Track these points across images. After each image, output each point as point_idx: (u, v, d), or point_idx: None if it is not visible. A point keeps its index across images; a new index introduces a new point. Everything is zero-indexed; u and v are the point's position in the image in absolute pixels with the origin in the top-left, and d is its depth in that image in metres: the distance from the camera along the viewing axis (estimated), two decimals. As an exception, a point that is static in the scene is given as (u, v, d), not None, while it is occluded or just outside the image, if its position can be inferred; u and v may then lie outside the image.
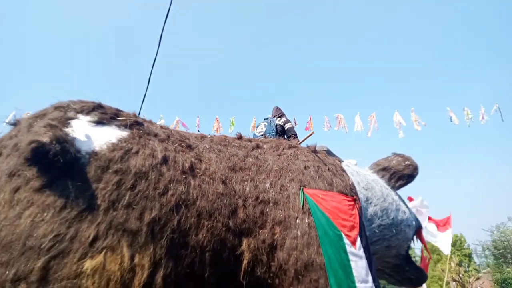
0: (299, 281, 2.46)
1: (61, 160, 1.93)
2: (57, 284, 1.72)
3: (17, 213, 1.84)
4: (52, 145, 1.91)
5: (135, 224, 2.03)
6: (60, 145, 1.95)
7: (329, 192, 2.97)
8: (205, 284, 2.22)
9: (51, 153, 1.90)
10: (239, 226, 2.50)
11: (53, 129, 2.01)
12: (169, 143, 2.60)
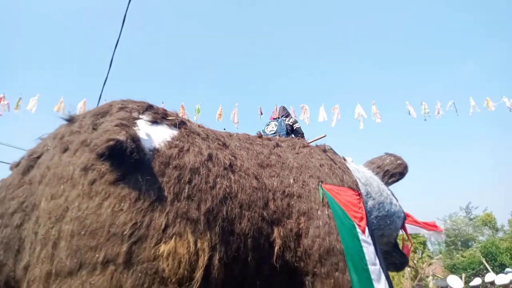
0: (322, 264, 2.87)
1: (136, 156, 2.17)
2: (140, 266, 1.99)
3: (97, 203, 2.07)
4: (129, 143, 2.15)
5: (195, 214, 2.31)
6: (135, 143, 2.19)
7: (342, 188, 3.39)
8: (248, 267, 2.56)
9: (128, 151, 2.14)
10: (270, 216, 2.85)
11: (126, 128, 2.23)
12: (209, 141, 2.87)
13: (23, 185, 2.33)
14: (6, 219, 2.23)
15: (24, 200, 2.25)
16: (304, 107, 12.24)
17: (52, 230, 2.02)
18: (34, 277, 1.95)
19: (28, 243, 2.11)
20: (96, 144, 2.19)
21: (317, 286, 2.84)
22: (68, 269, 1.90)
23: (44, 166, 2.32)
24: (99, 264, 1.92)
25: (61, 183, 2.17)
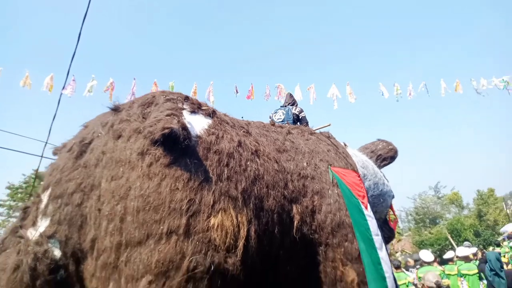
0: (333, 236, 3.32)
1: (186, 143, 2.48)
2: (196, 235, 2.33)
3: (156, 183, 2.37)
4: (181, 131, 2.45)
5: (234, 192, 2.66)
6: (185, 131, 2.49)
7: (346, 170, 3.83)
8: (274, 238, 2.95)
9: (181, 138, 2.44)
10: (290, 195, 3.25)
11: (177, 118, 2.52)
12: (236, 129, 3.20)
13: (78, 168, 2.58)
14: (66, 199, 2.48)
15: (81, 181, 2.51)
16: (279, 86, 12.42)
17: (117, 207, 2.31)
18: (104, 247, 2.25)
19: (91, 219, 2.39)
20: (150, 131, 2.48)
21: (329, 254, 3.29)
22: (137, 239, 2.22)
23: (98, 151, 2.58)
24: (164, 235, 2.24)
25: (120, 166, 2.45)
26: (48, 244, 2.36)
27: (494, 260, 5.87)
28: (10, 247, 2.43)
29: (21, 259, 2.26)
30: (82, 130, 2.92)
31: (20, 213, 2.59)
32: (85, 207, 2.45)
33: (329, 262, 3.29)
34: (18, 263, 2.24)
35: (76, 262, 2.41)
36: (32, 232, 2.44)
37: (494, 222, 24.52)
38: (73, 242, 2.40)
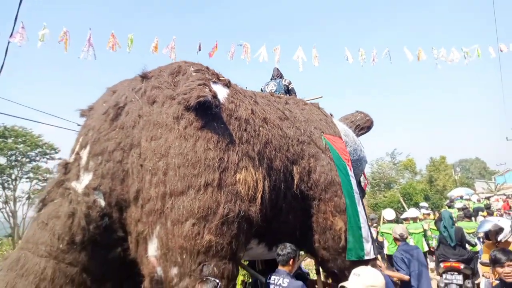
0: (325, 192, 3.91)
1: (215, 110, 2.87)
2: (227, 188, 2.78)
3: (192, 143, 2.76)
4: (212, 100, 2.82)
5: (252, 153, 3.12)
6: (216, 99, 2.86)
7: (335, 137, 4.40)
8: (280, 193, 3.48)
9: (214, 105, 2.82)
10: (291, 157, 3.76)
11: (208, 87, 2.87)
12: (247, 98, 3.60)
13: (115, 129, 2.88)
14: (106, 156, 2.81)
15: (120, 141, 2.83)
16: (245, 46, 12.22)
17: (159, 163, 2.69)
18: (150, 197, 2.64)
19: (133, 173, 2.74)
20: (184, 98, 2.83)
21: (322, 207, 3.91)
22: (180, 190, 2.63)
23: (134, 115, 2.89)
24: (202, 186, 2.67)
25: (158, 128, 2.80)
26: (94, 195, 2.71)
27: (447, 218, 6.92)
28: (58, 197, 2.74)
29: (75, 207, 2.60)
30: (110, 94, 3.17)
31: (60, 169, 2.87)
32: (126, 163, 2.79)
33: (321, 213, 3.91)
34: (73, 211, 2.59)
35: (119, 211, 2.78)
36: (77, 185, 2.77)
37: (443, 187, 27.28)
38: (116, 193, 2.76)
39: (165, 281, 2.52)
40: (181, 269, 2.50)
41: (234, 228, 2.74)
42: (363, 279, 2.18)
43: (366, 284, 2.13)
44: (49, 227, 2.57)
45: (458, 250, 6.13)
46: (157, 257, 2.56)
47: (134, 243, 2.70)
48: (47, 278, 2.43)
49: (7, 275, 2.42)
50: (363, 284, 2.14)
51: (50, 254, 2.50)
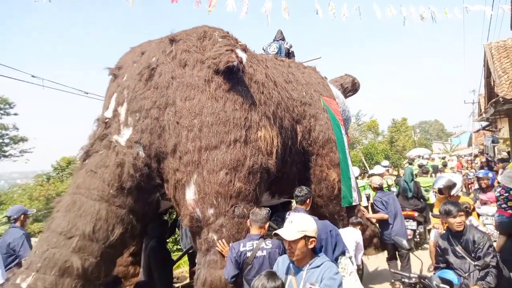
0: (323, 148, 4.47)
1: (240, 74, 3.22)
2: (251, 143, 3.21)
3: (222, 104, 3.13)
4: (239, 65, 3.16)
5: (268, 114, 3.54)
6: (242, 64, 3.20)
7: (331, 99, 4.90)
8: (287, 148, 3.98)
9: (241, 69, 3.16)
10: (296, 117, 4.23)
11: (235, 53, 3.19)
12: (260, 62, 3.94)
13: (150, 89, 3.17)
14: (144, 113, 3.12)
15: (156, 100, 3.14)
16: None
17: (194, 121, 3.05)
18: (187, 150, 3.03)
19: (170, 129, 3.09)
20: (214, 63, 3.14)
21: (319, 161, 4.48)
22: (213, 144, 3.04)
23: (168, 76, 3.17)
24: (231, 142, 3.09)
25: (191, 89, 3.13)
26: (136, 148, 3.06)
27: (408, 174, 7.89)
28: (102, 149, 3.06)
29: (123, 158, 2.94)
30: (139, 55, 3.39)
31: (101, 124, 3.15)
32: (162, 120, 3.13)
33: (318, 167, 4.50)
34: (121, 161, 2.93)
35: (157, 161, 3.16)
36: (119, 139, 3.09)
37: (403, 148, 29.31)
38: (155, 146, 3.12)
39: (203, 219, 3.00)
40: (217, 210, 2.98)
41: (257, 177, 3.23)
42: (295, 225, 2.16)
43: (298, 229, 2.13)
44: (98, 175, 2.91)
45: (413, 201, 7.09)
46: (195, 200, 3.02)
47: (172, 189, 3.12)
48: (102, 218, 2.82)
49: (66, 215, 2.78)
50: (295, 230, 2.13)
51: (102, 198, 2.87)
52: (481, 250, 3.08)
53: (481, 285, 2.97)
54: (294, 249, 2.13)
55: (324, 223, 2.68)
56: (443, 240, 3.39)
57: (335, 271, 2.12)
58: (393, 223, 4.98)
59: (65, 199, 2.91)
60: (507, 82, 9.47)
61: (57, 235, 2.69)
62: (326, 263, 2.16)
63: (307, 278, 2.12)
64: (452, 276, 3.13)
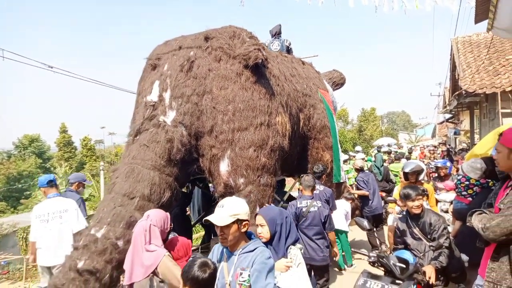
0: (319, 133, 5.29)
1: (265, 68, 3.92)
2: (272, 127, 3.95)
3: (250, 93, 3.83)
4: (265, 61, 3.86)
5: (282, 102, 4.29)
6: (267, 61, 3.90)
7: (325, 91, 5.72)
8: (293, 133, 4.74)
9: (266, 64, 3.87)
10: (299, 107, 5.00)
11: (262, 50, 3.88)
12: (274, 58, 4.65)
13: (190, 78, 3.80)
14: (185, 99, 3.75)
15: (195, 88, 3.78)
16: None
17: (229, 107, 3.74)
18: (222, 130, 3.71)
19: (207, 112, 3.75)
20: (244, 59, 3.82)
21: (315, 144, 5.31)
22: (244, 126, 3.74)
23: (205, 68, 3.82)
24: (257, 125, 3.81)
25: (225, 80, 3.80)
26: (180, 127, 3.70)
27: (379, 160, 9.03)
28: (151, 128, 3.67)
29: (172, 135, 3.58)
30: (177, 48, 3.98)
31: (150, 106, 3.75)
32: (200, 105, 3.78)
33: (315, 149, 5.33)
34: (170, 137, 3.57)
35: (195, 139, 3.81)
36: (166, 119, 3.71)
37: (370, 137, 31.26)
38: (194, 126, 3.77)
39: (234, 187, 3.73)
40: (246, 179, 3.72)
41: (276, 154, 3.99)
42: (226, 209, 2.03)
43: (230, 213, 2.00)
44: (151, 148, 3.53)
45: (383, 183, 8.17)
46: (228, 171, 3.73)
47: (208, 162, 3.81)
48: (156, 183, 3.46)
49: (127, 180, 3.39)
50: (227, 214, 2.00)
51: (155, 167, 3.50)
52: (436, 232, 3.22)
53: (434, 264, 3.07)
54: (227, 235, 2.02)
55: (280, 209, 2.66)
56: (402, 223, 3.52)
57: (267, 256, 2.01)
58: (373, 199, 5.96)
59: (123, 168, 3.51)
60: (470, 76, 10.31)
61: (121, 196, 3.31)
62: (259, 248, 2.06)
63: (238, 263, 2.03)
64: (408, 256, 3.19)
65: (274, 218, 2.41)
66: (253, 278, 1.92)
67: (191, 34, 4.21)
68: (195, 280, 1.81)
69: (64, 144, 44.31)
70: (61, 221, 4.06)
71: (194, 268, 1.84)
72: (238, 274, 1.98)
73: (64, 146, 44.19)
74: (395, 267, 2.99)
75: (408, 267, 2.99)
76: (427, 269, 3.01)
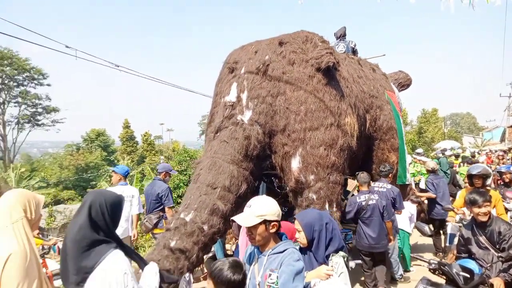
0: (386, 134, 5.33)
1: (336, 71, 4.10)
2: (341, 127, 4.11)
3: (321, 95, 4.03)
4: (336, 64, 4.04)
5: (351, 104, 4.42)
6: (338, 64, 4.08)
7: (392, 93, 5.72)
8: (361, 132, 4.85)
9: (337, 67, 4.05)
10: (366, 108, 5.08)
11: (333, 55, 4.06)
12: (343, 60, 4.79)
13: (265, 81, 4.10)
14: (261, 99, 4.06)
15: (270, 89, 4.07)
16: None
17: (301, 107, 3.97)
18: (295, 129, 3.96)
19: (280, 112, 4.02)
20: (317, 62, 4.03)
21: (381, 145, 5.36)
22: (315, 126, 3.96)
23: (279, 71, 4.09)
24: (328, 125, 4.01)
25: (298, 82, 4.04)
26: (256, 125, 4.02)
27: (444, 163, 8.71)
28: (230, 125, 4.03)
29: (249, 133, 3.91)
30: (253, 52, 4.31)
31: (229, 106, 4.12)
32: (274, 106, 4.06)
33: (380, 150, 5.38)
34: (248, 134, 3.90)
35: (269, 137, 4.11)
36: (243, 118, 4.05)
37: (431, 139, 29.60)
38: (268, 125, 4.07)
39: (305, 183, 3.96)
40: (317, 176, 3.94)
41: (345, 153, 4.15)
42: (253, 210, 1.98)
43: (256, 214, 1.95)
44: (230, 144, 3.89)
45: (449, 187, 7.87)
46: (299, 168, 3.97)
47: (280, 159, 4.09)
48: (235, 176, 3.81)
49: (210, 172, 3.79)
50: (253, 214, 1.96)
51: (233, 161, 3.86)
52: (506, 242, 2.99)
53: (503, 277, 2.81)
54: (254, 235, 2.00)
55: (320, 214, 2.47)
56: (467, 230, 3.32)
57: (295, 258, 1.94)
58: (442, 203, 5.83)
59: (206, 161, 3.91)
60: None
61: (206, 186, 3.71)
62: (289, 249, 2.00)
63: (267, 265, 1.99)
64: (473, 265, 3.04)
65: (311, 223, 2.30)
66: (280, 280, 1.88)
67: (265, 39, 4.52)
68: (226, 282, 1.75)
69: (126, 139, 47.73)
70: (130, 204, 5.07)
71: (225, 270, 1.77)
72: (267, 275, 1.96)
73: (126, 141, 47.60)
74: (458, 276, 2.84)
75: (472, 277, 2.84)
76: (495, 281, 2.76)
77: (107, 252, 1.83)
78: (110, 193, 2.04)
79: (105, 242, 1.87)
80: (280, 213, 2.06)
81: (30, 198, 1.92)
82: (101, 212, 1.89)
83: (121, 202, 2.03)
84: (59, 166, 42.73)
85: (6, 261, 1.62)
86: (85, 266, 1.77)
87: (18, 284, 1.63)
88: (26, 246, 1.73)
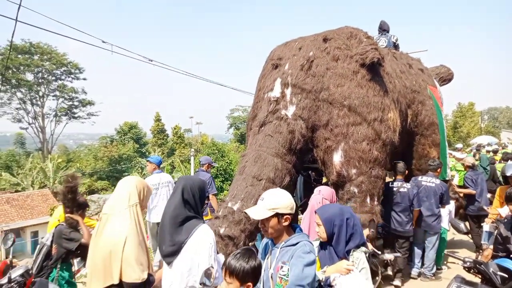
0: (427, 129, 5.29)
1: (381, 67, 4.13)
2: (384, 122, 4.14)
3: (365, 90, 4.08)
4: (381, 60, 4.06)
5: (394, 99, 4.43)
6: (382, 60, 4.10)
7: (434, 88, 5.64)
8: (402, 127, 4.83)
9: (382, 63, 4.07)
10: (408, 103, 5.06)
11: (378, 50, 4.09)
12: (386, 55, 4.79)
13: (309, 77, 4.19)
14: (304, 95, 4.16)
15: (313, 85, 4.16)
16: None
17: (345, 102, 4.04)
18: (337, 124, 4.05)
19: (324, 107, 4.11)
20: (361, 58, 4.07)
21: (422, 140, 5.32)
22: (358, 121, 4.02)
23: (323, 67, 4.17)
24: (371, 120, 4.05)
25: (341, 78, 4.11)
26: (300, 120, 4.13)
27: (484, 160, 8.44)
28: (274, 120, 4.17)
29: (293, 127, 4.03)
30: (297, 48, 4.40)
31: (273, 101, 4.25)
32: (318, 101, 4.15)
33: (421, 145, 5.34)
34: (292, 129, 4.03)
35: (311, 131, 4.22)
36: (287, 113, 4.18)
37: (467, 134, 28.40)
38: (311, 120, 4.17)
39: (347, 177, 4.05)
40: (359, 170, 4.01)
41: (387, 148, 4.19)
42: (265, 203, 1.99)
43: (268, 207, 1.96)
44: (274, 138, 4.04)
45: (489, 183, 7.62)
46: (341, 162, 4.06)
47: (322, 153, 4.19)
48: (279, 168, 3.96)
49: (255, 164, 3.96)
50: (265, 207, 1.97)
51: (278, 154, 4.00)
52: None
53: None
54: (267, 227, 2.01)
55: (342, 208, 2.41)
56: (506, 229, 3.20)
57: (306, 250, 1.93)
58: (480, 198, 5.72)
59: (251, 154, 4.08)
60: None
61: (251, 178, 3.88)
62: (302, 242, 1.99)
63: (280, 257, 2.01)
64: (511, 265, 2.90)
65: (331, 218, 2.27)
66: (291, 272, 1.89)
67: (309, 36, 4.60)
68: (240, 271, 1.74)
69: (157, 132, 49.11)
70: (168, 189, 5.42)
71: (239, 260, 1.76)
72: (279, 267, 1.97)
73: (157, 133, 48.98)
74: (495, 276, 2.75)
75: (511, 277, 2.75)
76: None
77: (197, 226, 2.13)
78: (197, 178, 2.37)
79: (195, 218, 2.18)
80: (294, 206, 2.06)
81: (144, 186, 2.24)
82: (192, 193, 2.19)
83: (205, 185, 2.36)
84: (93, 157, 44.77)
85: (125, 244, 1.96)
86: (179, 239, 2.09)
87: (136, 261, 1.98)
88: (138, 229, 2.04)
